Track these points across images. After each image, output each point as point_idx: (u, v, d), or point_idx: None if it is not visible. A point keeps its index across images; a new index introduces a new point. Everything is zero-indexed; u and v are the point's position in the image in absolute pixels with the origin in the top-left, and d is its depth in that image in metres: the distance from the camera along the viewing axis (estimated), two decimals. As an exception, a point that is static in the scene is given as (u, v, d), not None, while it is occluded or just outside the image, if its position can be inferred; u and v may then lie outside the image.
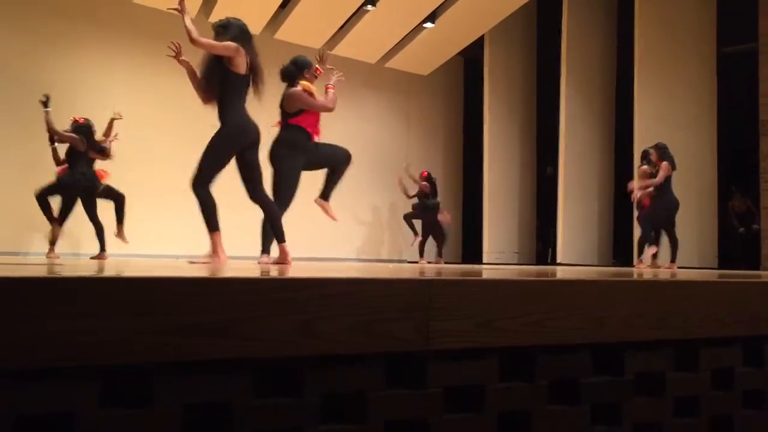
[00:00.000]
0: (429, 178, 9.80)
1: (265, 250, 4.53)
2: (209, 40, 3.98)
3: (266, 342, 1.03)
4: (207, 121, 8.66)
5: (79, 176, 6.42)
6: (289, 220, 4.45)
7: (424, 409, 1.19)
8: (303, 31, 9.79)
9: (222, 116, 3.99)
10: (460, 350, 1.23)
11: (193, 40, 3.90)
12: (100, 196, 6.71)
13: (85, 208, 6.53)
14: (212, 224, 3.93)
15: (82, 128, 6.52)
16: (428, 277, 1.25)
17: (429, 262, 9.70)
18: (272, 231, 4.23)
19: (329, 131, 10.63)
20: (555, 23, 10.15)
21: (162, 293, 0.97)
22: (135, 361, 0.94)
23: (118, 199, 6.85)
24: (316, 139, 4.98)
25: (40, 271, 1.25)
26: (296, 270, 1.89)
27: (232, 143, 3.97)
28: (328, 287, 1.11)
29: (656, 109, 8.77)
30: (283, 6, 9.40)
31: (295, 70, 4.90)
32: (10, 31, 7.95)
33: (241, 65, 4.01)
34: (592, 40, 10.11)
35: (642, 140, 8.61)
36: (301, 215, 9.67)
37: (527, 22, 11.25)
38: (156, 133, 8.33)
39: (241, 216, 4.85)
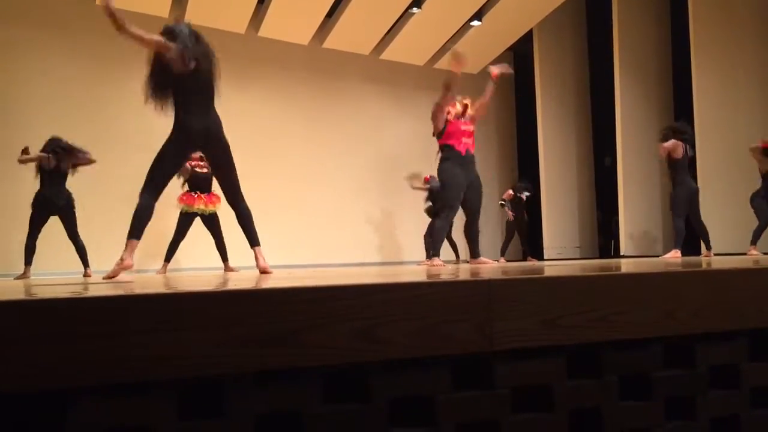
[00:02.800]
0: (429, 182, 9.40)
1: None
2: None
3: (332, 349, 1.05)
4: (259, 135, 8.73)
5: (51, 196, 6.42)
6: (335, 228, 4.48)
7: (493, 410, 1.18)
8: (351, 39, 9.88)
9: None
10: (526, 349, 1.22)
11: None
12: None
13: (65, 227, 6.57)
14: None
15: (52, 144, 6.45)
16: (488, 277, 1.24)
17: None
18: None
19: (382, 135, 10.76)
20: (605, 10, 9.96)
21: (230, 306, 0.99)
22: (208, 373, 0.96)
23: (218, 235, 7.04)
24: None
25: (114, 290, 1.29)
26: (358, 276, 1.91)
27: None
28: (390, 293, 1.11)
29: (716, 92, 8.50)
30: (329, 15, 9.50)
31: None
32: (73, 55, 8.27)
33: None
34: (645, 24, 9.87)
35: (703, 124, 8.36)
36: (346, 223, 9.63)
37: (576, 12, 11.06)
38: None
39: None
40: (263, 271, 3.81)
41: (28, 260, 6.52)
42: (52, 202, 6.47)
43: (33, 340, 0.87)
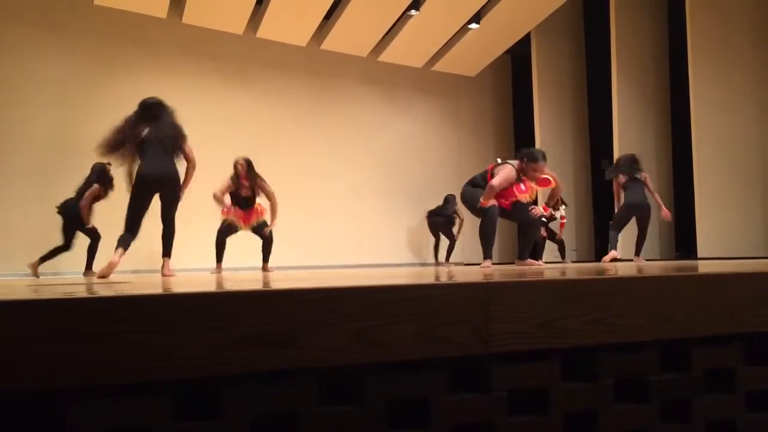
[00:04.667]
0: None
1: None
2: None
3: (329, 351, 1.05)
4: (257, 136, 8.79)
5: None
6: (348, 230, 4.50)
7: (489, 412, 1.18)
8: (349, 40, 9.89)
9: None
10: (522, 352, 1.23)
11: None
12: (254, 232, 6.93)
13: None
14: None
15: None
16: (486, 280, 1.24)
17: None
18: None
19: (380, 136, 10.75)
20: (603, 14, 9.98)
21: (227, 307, 0.99)
22: (204, 374, 0.96)
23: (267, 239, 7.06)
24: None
25: (111, 291, 1.29)
26: (355, 278, 1.91)
27: None
28: (387, 294, 1.11)
29: (713, 95, 8.52)
30: (327, 16, 9.50)
31: None
32: (70, 55, 8.25)
33: None
34: (642, 28, 9.90)
35: (699, 128, 8.38)
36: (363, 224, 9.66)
37: (574, 16, 11.08)
38: (206, 146, 8.47)
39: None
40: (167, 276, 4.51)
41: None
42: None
43: (28, 341, 0.87)
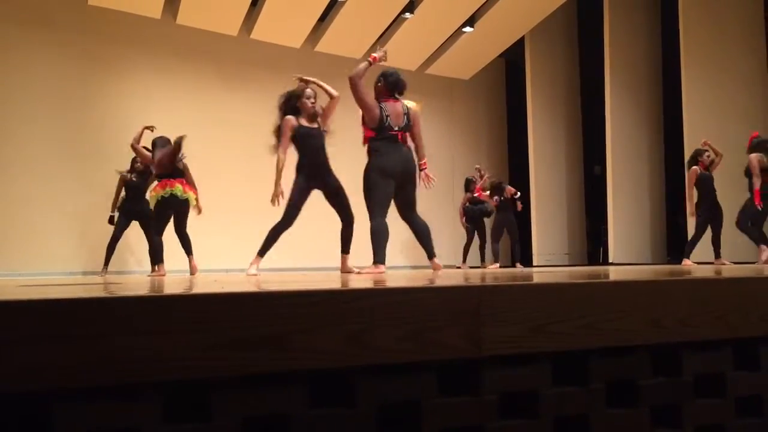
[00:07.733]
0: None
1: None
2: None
3: (319, 354, 1.04)
4: (251, 137, 8.82)
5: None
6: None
7: (480, 416, 1.18)
8: (343, 43, 9.89)
9: None
10: (513, 356, 1.23)
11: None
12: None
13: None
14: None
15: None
16: (477, 283, 1.24)
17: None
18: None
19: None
20: (596, 19, 10.02)
21: (217, 309, 0.99)
22: (194, 376, 0.96)
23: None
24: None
25: (101, 291, 1.29)
26: (346, 281, 1.91)
27: None
28: (378, 297, 1.11)
29: (705, 101, 8.57)
30: (322, 18, 9.51)
31: None
32: (64, 55, 8.23)
33: None
34: (636, 33, 9.94)
35: (691, 134, 8.42)
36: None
37: (568, 20, 11.12)
38: (200, 148, 8.46)
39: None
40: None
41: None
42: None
43: (18, 342, 0.86)
